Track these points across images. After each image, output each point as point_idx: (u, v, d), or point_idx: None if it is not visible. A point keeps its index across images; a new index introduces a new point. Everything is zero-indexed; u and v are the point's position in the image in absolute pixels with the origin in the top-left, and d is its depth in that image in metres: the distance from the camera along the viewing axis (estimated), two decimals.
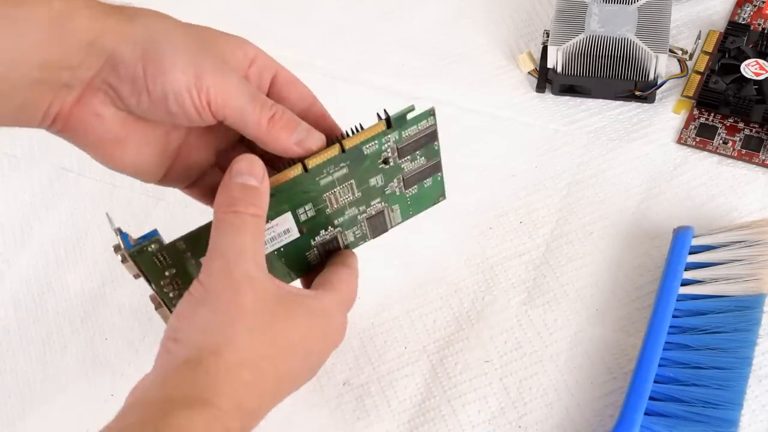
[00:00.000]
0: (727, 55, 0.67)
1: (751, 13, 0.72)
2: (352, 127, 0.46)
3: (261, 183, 0.42)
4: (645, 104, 0.69)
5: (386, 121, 0.45)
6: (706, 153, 0.66)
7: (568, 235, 0.63)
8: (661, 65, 0.67)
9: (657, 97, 0.69)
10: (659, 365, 0.54)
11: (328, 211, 0.47)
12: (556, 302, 0.61)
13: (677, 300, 0.56)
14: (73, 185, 0.71)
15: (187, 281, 0.43)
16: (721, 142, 0.66)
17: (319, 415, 0.58)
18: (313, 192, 0.45)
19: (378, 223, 0.51)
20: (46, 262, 0.67)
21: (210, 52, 0.43)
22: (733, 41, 0.68)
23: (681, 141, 0.67)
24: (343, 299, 0.46)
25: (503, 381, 0.58)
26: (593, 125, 0.69)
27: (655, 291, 0.57)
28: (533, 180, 0.66)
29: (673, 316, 0.56)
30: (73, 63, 0.41)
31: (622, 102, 0.69)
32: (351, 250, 0.51)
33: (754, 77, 0.65)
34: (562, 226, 0.64)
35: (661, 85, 0.68)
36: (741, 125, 0.66)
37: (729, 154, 0.65)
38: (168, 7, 0.71)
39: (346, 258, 0.49)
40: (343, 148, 0.44)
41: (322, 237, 0.48)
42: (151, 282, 0.45)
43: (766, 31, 0.68)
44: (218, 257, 0.41)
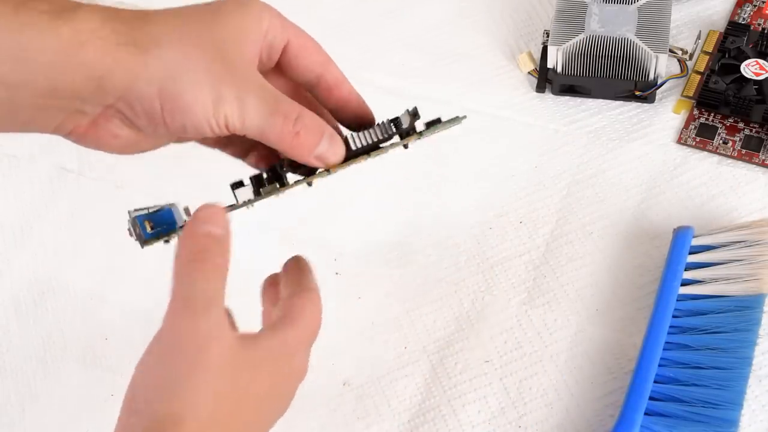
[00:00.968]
0: (727, 55, 0.67)
1: (751, 13, 0.72)
2: (385, 120, 0.45)
3: (225, 232, 0.41)
4: (645, 104, 0.69)
5: (414, 116, 0.45)
6: (706, 153, 0.66)
7: (568, 235, 0.63)
8: (661, 65, 0.67)
9: (657, 97, 0.69)
10: (659, 365, 0.54)
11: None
12: (556, 302, 0.61)
13: (677, 300, 0.56)
14: (73, 185, 0.71)
15: None
16: (721, 142, 0.66)
17: (319, 415, 0.58)
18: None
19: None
20: (46, 262, 0.67)
21: (226, 64, 0.41)
22: (733, 41, 0.67)
23: (681, 141, 0.67)
24: (305, 333, 0.43)
25: (503, 381, 0.58)
26: (593, 125, 0.69)
27: (655, 291, 0.57)
28: (533, 180, 0.66)
29: (673, 316, 0.56)
30: (83, 95, 0.40)
31: (622, 102, 0.69)
32: (308, 265, 0.46)
33: (754, 77, 0.65)
34: (562, 226, 0.64)
35: (661, 85, 0.68)
36: (741, 125, 0.66)
37: (729, 154, 0.65)
38: (168, 6, 0.72)
39: (305, 279, 0.45)
40: (369, 153, 0.44)
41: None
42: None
43: (766, 31, 0.68)
44: (184, 307, 0.39)
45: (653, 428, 0.52)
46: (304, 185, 0.45)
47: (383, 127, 0.45)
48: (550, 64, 0.69)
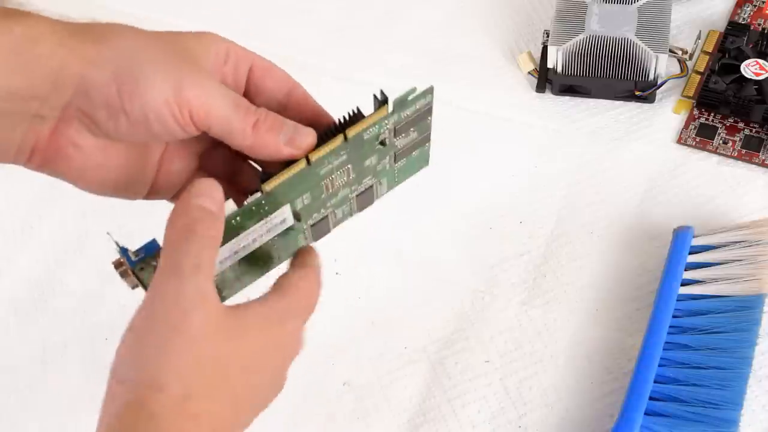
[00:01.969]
0: (727, 55, 0.67)
1: (751, 13, 0.72)
2: (349, 111, 0.45)
3: (219, 209, 0.40)
4: (645, 104, 0.69)
5: (384, 102, 0.45)
6: (706, 153, 0.66)
7: (568, 235, 0.63)
8: (661, 65, 0.67)
9: (657, 97, 0.69)
10: (659, 365, 0.54)
11: (323, 196, 0.47)
12: (556, 302, 0.61)
13: (677, 300, 0.56)
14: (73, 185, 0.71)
15: None
16: (721, 142, 0.66)
17: (319, 415, 0.58)
18: (313, 182, 0.45)
19: (366, 198, 0.50)
20: (46, 262, 0.67)
21: (186, 60, 0.41)
22: (733, 41, 0.67)
23: (681, 141, 0.67)
24: (297, 305, 0.42)
25: (503, 381, 0.58)
26: (593, 125, 0.69)
27: (655, 291, 0.57)
28: (533, 180, 0.66)
29: (673, 316, 0.56)
30: (41, 93, 0.39)
31: (622, 102, 0.69)
32: (310, 246, 0.47)
33: (754, 77, 0.65)
34: (562, 226, 0.64)
35: (661, 85, 0.68)
36: (741, 125, 0.66)
37: (729, 154, 0.65)
38: (169, 9, 0.72)
39: (304, 258, 0.45)
40: (346, 137, 0.44)
41: (314, 219, 0.48)
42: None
43: (766, 31, 0.68)
44: (171, 273, 0.38)
45: (653, 428, 0.52)
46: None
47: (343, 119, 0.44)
48: (550, 64, 0.69)
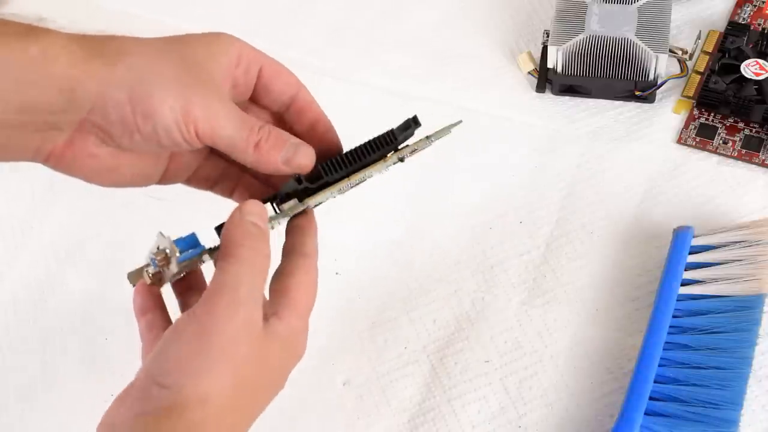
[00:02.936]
0: (727, 55, 0.67)
1: (751, 13, 0.72)
2: (384, 135, 0.47)
3: (266, 229, 0.44)
4: (645, 104, 0.69)
5: (416, 125, 0.47)
6: (706, 153, 0.66)
7: (568, 235, 0.63)
8: (661, 65, 0.67)
9: (657, 97, 0.69)
10: (659, 365, 0.54)
11: (333, 191, 0.48)
12: (556, 302, 0.61)
13: (677, 300, 0.56)
14: (73, 185, 0.71)
15: None
16: (721, 142, 0.66)
17: (319, 415, 0.58)
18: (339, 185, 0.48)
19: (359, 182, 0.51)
20: (46, 263, 0.67)
21: (196, 77, 0.43)
22: (733, 41, 0.67)
23: (681, 141, 0.67)
24: (304, 308, 0.45)
25: (503, 381, 0.58)
26: (593, 125, 0.69)
27: (655, 291, 0.57)
28: (533, 180, 0.66)
29: (673, 316, 0.56)
30: (56, 108, 0.41)
31: (622, 102, 0.69)
32: (313, 222, 0.48)
33: (754, 77, 0.65)
34: (562, 226, 0.64)
35: (661, 85, 0.68)
36: (741, 125, 0.66)
37: (729, 154, 0.65)
38: (169, 8, 0.72)
39: (301, 242, 0.47)
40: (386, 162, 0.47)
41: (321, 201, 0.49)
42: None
43: (766, 31, 0.68)
44: (228, 293, 0.41)
45: (653, 428, 0.52)
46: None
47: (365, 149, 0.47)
48: (550, 64, 0.69)
